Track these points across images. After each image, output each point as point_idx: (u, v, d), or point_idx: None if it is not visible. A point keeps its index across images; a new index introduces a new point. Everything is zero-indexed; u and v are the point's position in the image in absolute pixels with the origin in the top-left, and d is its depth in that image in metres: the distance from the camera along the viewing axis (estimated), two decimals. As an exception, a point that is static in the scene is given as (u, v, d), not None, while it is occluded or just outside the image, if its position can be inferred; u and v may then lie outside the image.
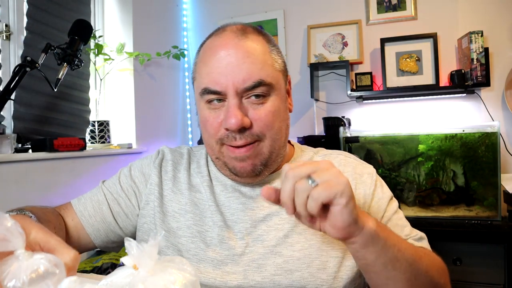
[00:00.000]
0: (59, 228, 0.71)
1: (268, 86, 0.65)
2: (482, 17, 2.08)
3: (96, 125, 1.85)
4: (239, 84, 0.63)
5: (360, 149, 1.94)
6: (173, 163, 0.79)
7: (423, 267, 0.59)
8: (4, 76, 1.51)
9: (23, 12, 1.57)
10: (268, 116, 0.65)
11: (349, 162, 0.76)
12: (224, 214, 0.71)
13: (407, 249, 0.58)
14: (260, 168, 0.68)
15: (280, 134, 0.68)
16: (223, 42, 0.66)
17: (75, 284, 0.40)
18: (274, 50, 0.69)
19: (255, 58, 0.64)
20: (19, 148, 1.45)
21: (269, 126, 0.66)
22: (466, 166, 1.79)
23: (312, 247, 0.67)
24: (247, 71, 0.63)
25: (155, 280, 0.40)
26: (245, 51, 0.64)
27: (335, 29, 2.34)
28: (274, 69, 0.67)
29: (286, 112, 0.71)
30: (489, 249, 1.65)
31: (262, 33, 0.70)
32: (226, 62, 0.64)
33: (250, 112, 0.65)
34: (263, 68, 0.65)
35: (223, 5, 2.60)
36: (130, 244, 0.42)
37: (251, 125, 0.65)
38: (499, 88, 2.06)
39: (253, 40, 0.66)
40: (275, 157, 0.69)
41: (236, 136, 0.65)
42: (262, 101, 0.65)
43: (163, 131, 2.33)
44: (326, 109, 2.38)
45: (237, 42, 0.65)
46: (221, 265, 0.67)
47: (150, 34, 2.19)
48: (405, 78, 2.15)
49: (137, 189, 0.78)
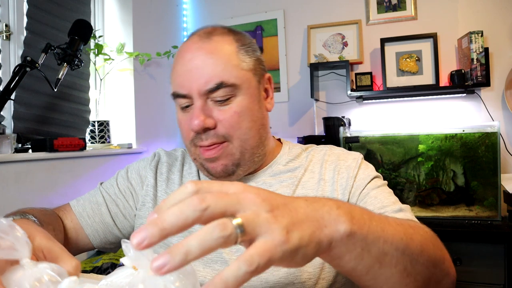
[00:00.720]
0: (58, 230, 0.72)
1: (231, 87, 0.65)
2: (482, 17, 2.08)
3: (96, 125, 1.85)
4: (201, 86, 0.65)
5: (360, 149, 1.94)
6: (168, 165, 0.81)
7: (417, 248, 0.47)
8: (4, 76, 1.51)
9: (23, 12, 1.57)
10: (233, 116, 0.66)
11: (334, 153, 0.77)
12: None
13: (395, 235, 0.44)
14: (232, 168, 0.69)
15: (250, 134, 0.68)
16: (188, 46, 0.68)
17: (75, 284, 0.40)
18: (242, 49, 0.69)
19: (217, 59, 0.65)
20: (19, 148, 1.45)
21: (234, 126, 0.66)
22: (466, 166, 1.79)
23: None
24: (208, 73, 0.65)
25: (155, 280, 0.40)
26: (207, 53, 0.65)
27: (335, 29, 2.34)
28: (240, 69, 0.67)
29: (260, 111, 0.71)
30: (489, 249, 1.65)
31: (232, 33, 0.70)
32: (190, 65, 0.66)
33: (215, 113, 0.66)
34: (225, 69, 0.65)
35: (223, 5, 2.60)
36: (127, 246, 0.42)
37: (215, 126, 0.66)
38: (499, 88, 2.06)
39: (218, 42, 0.67)
40: (249, 157, 0.70)
41: (202, 136, 0.67)
42: (226, 102, 0.66)
43: (163, 131, 2.33)
44: (326, 109, 2.38)
45: (200, 45, 0.67)
46: (211, 263, 0.68)
47: (150, 34, 2.19)
48: (405, 78, 2.15)
49: (133, 191, 0.80)
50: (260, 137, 0.71)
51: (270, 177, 0.74)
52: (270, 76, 0.75)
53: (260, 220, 0.33)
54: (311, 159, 0.76)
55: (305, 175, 0.74)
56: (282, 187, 0.72)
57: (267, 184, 0.73)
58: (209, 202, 0.32)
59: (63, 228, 0.76)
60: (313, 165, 0.76)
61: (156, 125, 2.26)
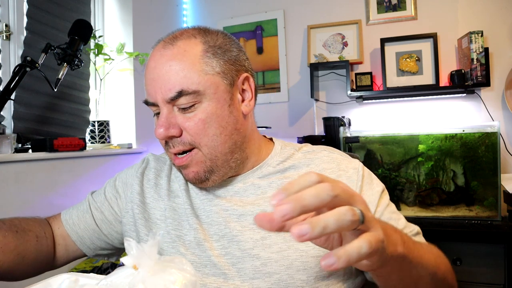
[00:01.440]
0: (41, 236, 0.75)
1: (193, 94, 0.63)
2: (482, 17, 2.08)
3: (96, 125, 1.85)
4: (164, 94, 0.64)
5: (360, 149, 1.95)
6: (155, 171, 0.80)
7: (442, 275, 0.57)
8: (4, 76, 1.51)
9: (23, 12, 1.57)
10: (198, 124, 0.64)
11: (333, 158, 0.74)
12: (200, 217, 0.72)
13: (429, 262, 0.53)
14: (204, 175, 0.67)
15: (219, 140, 0.66)
16: (153, 53, 0.68)
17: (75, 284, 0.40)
18: (210, 52, 0.65)
19: (177, 66, 0.63)
20: (19, 148, 1.45)
21: (200, 134, 0.65)
22: (466, 166, 1.79)
23: (291, 248, 0.65)
24: (169, 81, 0.63)
25: (155, 280, 0.40)
26: (168, 60, 0.64)
27: (335, 29, 2.34)
28: (204, 74, 0.64)
29: (232, 116, 0.67)
30: (489, 249, 1.65)
31: (202, 35, 0.67)
32: (153, 74, 0.65)
33: (180, 120, 0.65)
34: (186, 76, 0.63)
35: (223, 5, 2.60)
36: (130, 244, 0.42)
37: (181, 133, 0.65)
38: (499, 88, 2.06)
39: (180, 47, 0.65)
40: (222, 163, 0.67)
41: (169, 143, 0.67)
42: (191, 109, 0.64)
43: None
44: (326, 109, 2.38)
45: (162, 52, 0.65)
46: (201, 267, 0.67)
47: (150, 34, 2.19)
48: (405, 78, 2.15)
49: (119, 198, 0.81)
50: (234, 142, 0.68)
51: (258, 178, 0.72)
52: (247, 76, 0.70)
53: (370, 216, 0.40)
54: (308, 163, 0.73)
55: None
56: (272, 188, 0.71)
57: (256, 185, 0.72)
58: (339, 191, 0.37)
59: (52, 235, 0.78)
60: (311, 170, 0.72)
61: (156, 125, 2.26)
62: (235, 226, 0.69)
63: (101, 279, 0.46)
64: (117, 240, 0.81)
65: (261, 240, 0.66)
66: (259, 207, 0.69)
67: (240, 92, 0.70)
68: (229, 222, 0.69)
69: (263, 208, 0.69)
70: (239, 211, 0.70)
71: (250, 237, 0.67)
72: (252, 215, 0.69)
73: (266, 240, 0.66)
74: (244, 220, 0.69)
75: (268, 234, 0.67)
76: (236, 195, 0.72)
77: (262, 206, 0.69)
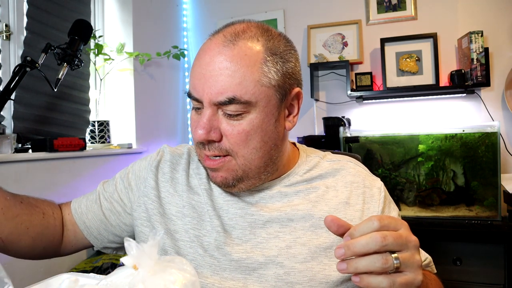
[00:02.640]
0: (48, 214, 0.75)
1: (245, 104, 0.60)
2: (482, 17, 2.08)
3: (96, 125, 1.85)
4: (212, 96, 0.60)
5: (360, 149, 1.94)
6: (171, 164, 0.77)
7: None
8: (4, 76, 1.51)
9: (23, 12, 1.57)
10: (241, 134, 0.61)
11: (359, 172, 0.74)
12: (222, 218, 0.70)
13: None
14: (232, 182, 0.65)
15: (258, 154, 0.63)
16: (210, 47, 0.62)
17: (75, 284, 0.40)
18: (270, 60, 0.61)
19: (235, 70, 0.59)
20: (19, 148, 1.45)
21: (240, 144, 0.62)
22: (466, 166, 1.79)
23: (315, 259, 0.65)
24: (222, 85, 0.59)
25: (155, 280, 0.40)
26: (226, 60, 0.59)
27: (335, 29, 2.34)
28: (260, 85, 0.60)
29: (275, 131, 0.64)
30: (489, 249, 1.66)
31: (266, 37, 0.63)
32: (206, 70, 0.61)
33: (223, 126, 0.62)
34: (241, 83, 0.59)
35: (223, 5, 2.60)
36: (130, 244, 0.42)
37: (221, 139, 0.62)
38: (499, 88, 2.06)
39: (241, 48, 0.60)
40: (254, 175, 0.66)
41: (206, 146, 0.64)
42: (238, 117, 0.61)
43: (163, 131, 2.33)
44: (326, 109, 2.38)
45: (221, 49, 0.60)
46: (219, 271, 0.66)
47: (150, 34, 2.19)
48: (405, 78, 2.15)
49: (130, 190, 0.78)
50: (271, 157, 0.66)
51: (285, 186, 0.71)
52: (299, 91, 0.67)
53: (413, 261, 0.47)
54: (334, 174, 0.73)
55: (329, 192, 0.71)
56: (298, 198, 0.70)
57: (282, 193, 0.70)
58: (388, 242, 0.46)
59: (61, 218, 0.78)
60: (337, 182, 0.72)
61: (156, 125, 2.26)
62: (260, 232, 0.67)
63: (101, 279, 0.46)
64: (126, 233, 0.78)
65: (286, 248, 0.66)
66: (286, 214, 0.68)
67: (287, 106, 0.67)
68: (254, 228, 0.68)
69: (290, 217, 0.68)
70: (265, 217, 0.68)
71: (276, 245, 0.66)
72: (279, 222, 0.68)
73: (291, 249, 0.66)
74: (270, 227, 0.68)
75: (293, 243, 0.66)
76: (262, 200, 0.70)
77: (289, 214, 0.68)
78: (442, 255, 1.70)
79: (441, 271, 0.80)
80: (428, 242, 0.73)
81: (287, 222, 0.67)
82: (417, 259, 0.48)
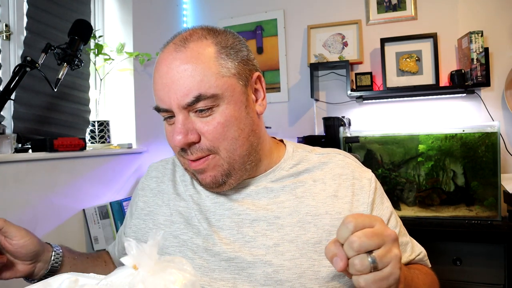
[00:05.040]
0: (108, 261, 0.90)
1: (211, 98, 0.61)
2: (482, 17, 2.08)
3: (96, 125, 1.85)
4: (179, 100, 0.61)
5: (360, 149, 1.95)
6: (157, 179, 0.81)
7: None
8: (4, 76, 1.51)
9: (23, 12, 1.56)
10: (217, 128, 0.62)
11: (348, 164, 0.73)
12: (210, 220, 0.71)
13: None
14: (222, 179, 0.66)
15: (238, 143, 0.64)
16: (164, 57, 0.64)
17: (75, 284, 0.40)
18: (223, 53, 0.64)
19: (193, 69, 0.61)
20: (19, 148, 1.45)
21: (219, 138, 0.63)
22: (466, 166, 1.79)
23: (304, 256, 0.64)
24: (185, 86, 0.61)
25: (155, 280, 0.40)
26: (182, 64, 0.61)
27: (335, 29, 2.34)
28: (221, 76, 0.62)
29: (248, 117, 0.66)
30: (489, 249, 1.65)
31: (212, 35, 0.65)
32: (166, 79, 0.62)
33: (198, 126, 0.63)
34: (202, 80, 0.61)
35: (223, 5, 2.60)
36: (130, 244, 0.42)
37: (199, 139, 0.63)
38: (499, 88, 2.06)
39: (193, 49, 0.62)
40: (240, 166, 0.66)
41: (188, 151, 0.65)
42: (209, 113, 0.62)
43: (163, 131, 2.31)
44: (326, 109, 2.38)
45: (174, 55, 0.62)
46: (209, 272, 0.67)
47: (150, 34, 2.19)
48: (405, 78, 2.15)
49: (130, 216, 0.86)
50: (251, 144, 0.67)
51: (271, 182, 0.72)
52: (259, 75, 0.70)
53: (391, 255, 0.47)
54: (322, 167, 0.73)
55: (316, 186, 0.70)
56: (284, 193, 0.70)
57: (268, 189, 0.71)
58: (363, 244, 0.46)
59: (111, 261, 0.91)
60: (325, 175, 0.72)
61: (156, 125, 2.26)
62: (247, 231, 0.68)
63: (101, 279, 0.46)
64: None
65: (273, 246, 0.66)
66: (272, 212, 0.68)
67: (253, 92, 0.69)
68: (241, 227, 0.68)
69: (276, 214, 0.68)
70: (252, 216, 0.69)
71: (263, 243, 0.66)
72: (265, 220, 0.68)
73: (279, 247, 0.65)
74: (257, 225, 0.68)
75: (281, 241, 0.66)
76: (248, 197, 0.71)
77: (275, 212, 0.68)
78: (442, 255, 1.70)
79: (441, 271, 0.80)
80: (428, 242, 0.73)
81: (274, 220, 0.68)
82: (394, 253, 0.47)
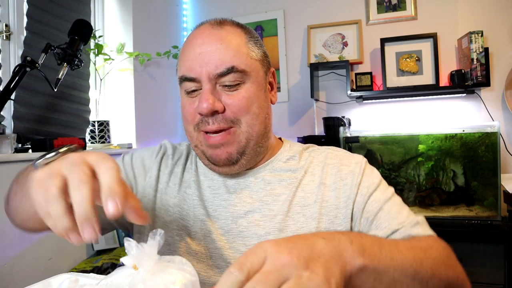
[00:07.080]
0: None
1: (241, 73, 0.66)
2: (482, 17, 2.08)
3: (96, 125, 1.85)
4: (211, 70, 0.65)
5: (360, 149, 1.94)
6: (173, 158, 0.81)
7: (427, 273, 0.50)
8: (4, 76, 1.51)
9: (23, 12, 1.57)
10: (241, 101, 0.66)
11: (336, 155, 0.75)
12: (207, 209, 0.72)
13: (404, 262, 0.48)
14: (236, 156, 0.68)
15: (258, 120, 0.68)
16: (199, 32, 0.69)
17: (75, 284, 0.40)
18: (251, 41, 0.70)
19: (228, 45, 0.66)
20: (19, 148, 1.45)
21: (243, 110, 0.67)
22: (466, 166, 1.79)
23: None
24: (219, 58, 0.65)
25: (155, 280, 0.40)
26: (218, 39, 0.67)
27: (335, 29, 2.34)
28: (250, 57, 0.68)
29: (266, 101, 0.72)
30: (489, 249, 1.65)
31: (240, 26, 0.72)
32: (200, 50, 0.66)
33: (224, 98, 0.66)
34: (236, 55, 0.66)
35: (223, 5, 2.60)
36: (130, 244, 0.42)
37: (224, 110, 0.66)
38: (499, 88, 2.06)
39: (228, 31, 0.68)
40: (254, 145, 0.69)
41: (209, 120, 0.66)
42: (236, 87, 0.67)
43: (163, 131, 2.33)
44: (326, 109, 2.38)
45: (211, 31, 0.68)
46: (205, 259, 0.69)
47: (150, 34, 2.19)
48: (405, 78, 2.15)
49: (134, 179, 0.79)
50: (266, 126, 0.71)
51: (270, 173, 0.74)
52: (274, 71, 0.77)
53: (303, 281, 0.36)
54: (312, 160, 0.75)
55: (305, 177, 0.73)
56: (281, 187, 0.72)
57: (266, 181, 0.73)
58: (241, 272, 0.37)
59: None
60: (314, 167, 0.74)
61: (156, 125, 2.26)
62: (241, 222, 0.70)
63: (101, 279, 0.46)
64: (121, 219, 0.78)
65: (265, 236, 0.68)
66: (267, 205, 0.70)
67: (268, 82, 0.75)
68: (236, 218, 0.70)
69: (271, 206, 0.70)
70: (247, 208, 0.71)
71: (255, 232, 0.68)
72: (260, 212, 0.70)
73: (270, 235, 0.67)
74: (251, 216, 0.70)
75: (272, 230, 0.68)
76: (247, 188, 0.73)
77: (270, 205, 0.70)
78: (442, 255, 1.69)
79: (441, 271, 0.79)
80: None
81: (268, 212, 0.70)
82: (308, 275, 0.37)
